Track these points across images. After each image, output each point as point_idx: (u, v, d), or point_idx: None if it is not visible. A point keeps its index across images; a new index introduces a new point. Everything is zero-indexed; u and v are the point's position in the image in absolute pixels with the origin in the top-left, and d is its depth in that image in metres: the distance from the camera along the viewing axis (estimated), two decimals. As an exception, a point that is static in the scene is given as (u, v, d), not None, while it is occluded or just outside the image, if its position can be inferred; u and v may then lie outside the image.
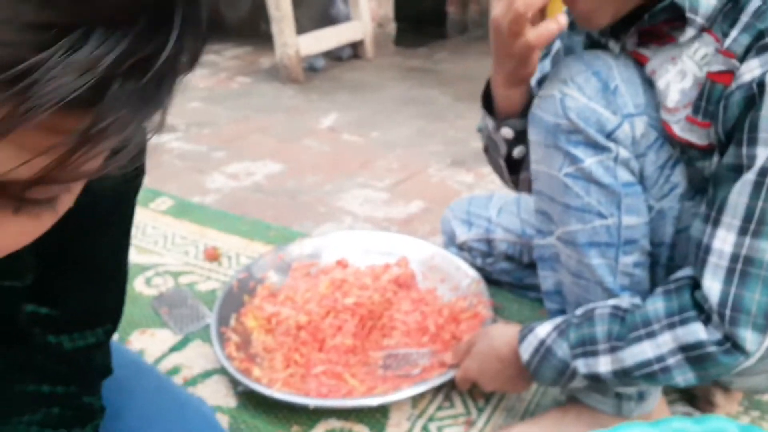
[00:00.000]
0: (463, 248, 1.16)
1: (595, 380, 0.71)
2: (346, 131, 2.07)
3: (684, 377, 0.65)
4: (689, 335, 0.63)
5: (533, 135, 0.74)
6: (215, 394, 0.92)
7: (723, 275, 0.62)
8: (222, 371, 0.96)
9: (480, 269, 1.13)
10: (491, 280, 1.14)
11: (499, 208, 1.15)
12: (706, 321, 0.63)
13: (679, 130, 0.67)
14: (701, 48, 0.65)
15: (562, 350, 0.72)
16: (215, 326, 0.97)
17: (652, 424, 0.66)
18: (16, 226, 0.28)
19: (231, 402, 0.92)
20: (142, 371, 0.76)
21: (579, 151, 0.69)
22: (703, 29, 0.64)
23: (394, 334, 1.03)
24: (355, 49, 2.87)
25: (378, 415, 0.89)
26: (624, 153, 0.69)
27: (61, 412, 0.61)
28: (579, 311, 0.74)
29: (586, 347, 0.70)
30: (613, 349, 0.68)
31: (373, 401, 0.85)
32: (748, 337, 0.60)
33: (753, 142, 0.59)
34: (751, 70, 0.58)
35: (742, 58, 0.60)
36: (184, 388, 0.89)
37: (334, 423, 0.88)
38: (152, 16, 0.24)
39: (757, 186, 0.59)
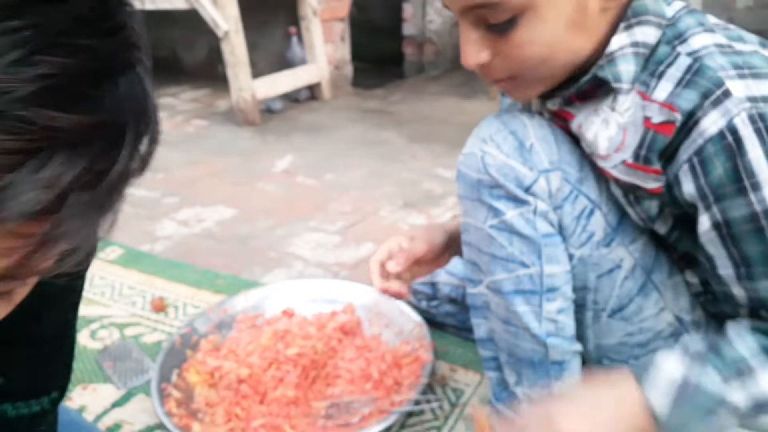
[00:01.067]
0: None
1: (760, 410, 0.59)
2: (301, 173, 2.09)
3: None
4: None
5: (460, 190, 0.77)
6: (155, 452, 0.92)
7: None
8: (163, 427, 0.96)
9: (425, 312, 1.16)
10: (436, 323, 1.17)
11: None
12: None
13: (620, 173, 0.70)
14: (620, 98, 0.69)
15: (711, 380, 0.59)
16: (156, 383, 0.96)
17: None
18: None
19: (171, 459, 0.91)
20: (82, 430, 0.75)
21: (501, 204, 0.73)
22: (629, 91, 0.69)
23: (339, 383, 1.04)
24: (312, 91, 2.92)
25: (319, 467, 0.90)
26: (542, 205, 0.72)
27: None
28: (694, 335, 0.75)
29: (739, 366, 0.60)
30: (760, 365, 0.60)
31: (311, 456, 0.86)
32: None
33: (756, 187, 0.61)
34: (714, 121, 0.61)
35: (691, 113, 0.63)
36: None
37: (274, 477, 0.88)
38: (107, 136, 0.29)
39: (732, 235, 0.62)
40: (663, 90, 0.65)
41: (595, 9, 0.66)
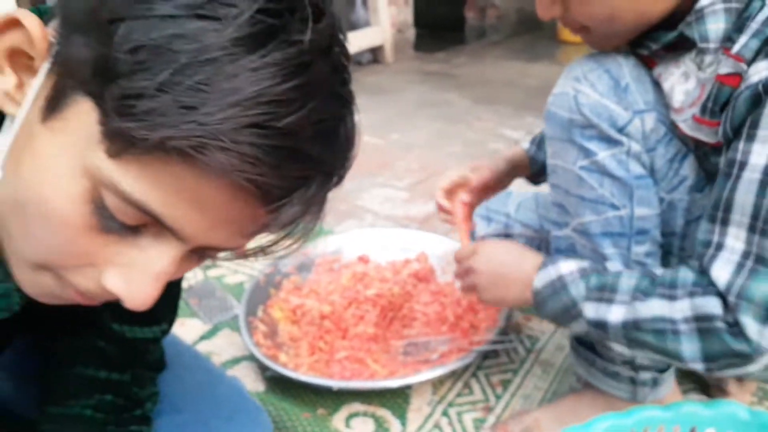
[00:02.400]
0: (481, 243, 1.20)
1: (597, 327, 0.70)
2: (366, 133, 2.11)
3: (691, 347, 0.65)
4: (706, 307, 0.64)
5: (549, 130, 0.77)
6: (244, 379, 0.97)
7: (732, 268, 0.63)
8: (250, 358, 1.01)
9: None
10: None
11: (518, 204, 1.18)
12: (725, 303, 0.64)
13: (688, 128, 0.70)
14: (706, 57, 0.67)
15: (577, 290, 0.71)
16: (243, 316, 1.01)
17: (665, 407, 0.68)
18: (192, 264, 0.42)
19: (259, 387, 0.96)
20: (181, 348, 0.81)
21: (593, 145, 0.72)
22: (717, 50, 0.66)
23: (415, 324, 1.06)
24: (375, 54, 2.92)
25: (399, 400, 0.93)
26: (635, 147, 0.71)
27: (112, 399, 0.67)
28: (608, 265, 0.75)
29: (604, 293, 0.70)
30: (633, 299, 0.68)
31: (394, 383, 0.89)
32: (749, 324, 0.61)
33: (751, 138, 0.61)
34: (759, 71, 0.60)
35: (751, 62, 0.62)
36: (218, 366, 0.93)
37: (358, 407, 0.92)
38: (342, 166, 0.40)
39: (762, 184, 0.60)
40: (739, 43, 0.63)
41: None
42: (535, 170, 1.01)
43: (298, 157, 0.35)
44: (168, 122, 0.32)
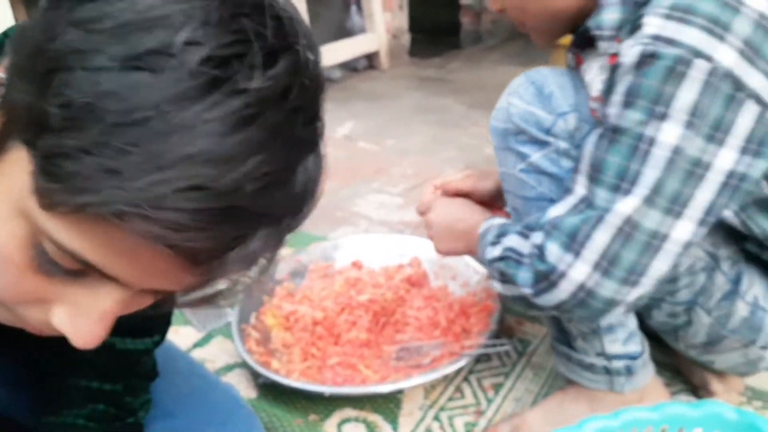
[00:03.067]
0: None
1: (490, 264, 0.77)
2: (361, 139, 2.12)
3: (522, 275, 0.71)
4: (536, 239, 0.70)
5: (494, 142, 0.83)
6: (237, 386, 0.97)
7: (567, 207, 0.68)
8: (243, 365, 1.01)
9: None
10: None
11: (507, 208, 1.19)
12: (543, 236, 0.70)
13: (596, 107, 0.75)
14: (602, 44, 0.72)
15: (491, 235, 0.78)
16: (236, 323, 1.02)
17: (652, 408, 0.70)
18: (147, 300, 0.41)
19: (251, 393, 0.97)
20: (175, 354, 0.82)
21: (526, 149, 0.78)
22: (612, 38, 0.71)
23: (407, 329, 1.07)
24: (371, 60, 2.93)
25: (391, 405, 0.94)
26: (563, 144, 0.76)
27: (105, 409, 0.67)
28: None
29: (498, 238, 0.77)
30: (500, 237, 0.76)
31: (386, 388, 0.89)
32: (552, 248, 0.67)
33: (609, 104, 0.65)
34: (630, 47, 0.63)
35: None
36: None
37: (350, 412, 0.92)
38: (295, 214, 0.37)
39: (601, 137, 0.66)
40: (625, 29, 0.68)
41: None
42: None
43: (233, 216, 0.32)
44: (90, 187, 0.30)
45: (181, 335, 1.11)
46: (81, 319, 0.38)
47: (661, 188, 0.62)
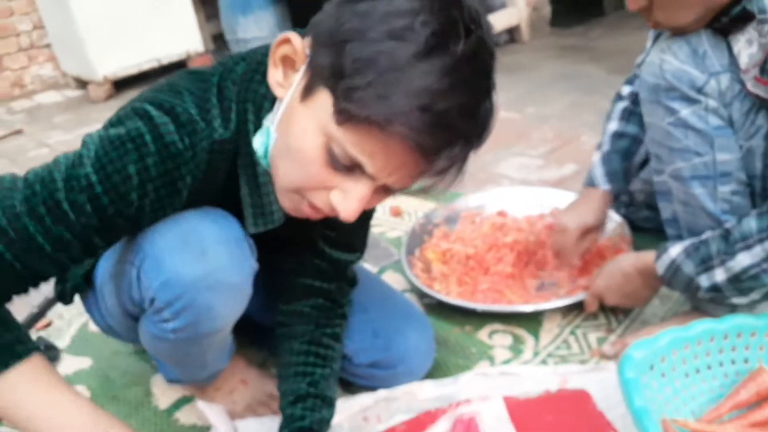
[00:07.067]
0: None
1: (715, 290, 0.87)
2: (503, 108, 2.26)
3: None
4: None
5: (642, 94, 0.92)
6: (406, 306, 1.21)
7: None
8: (411, 290, 1.25)
9: (624, 218, 1.30)
10: (635, 227, 1.31)
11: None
12: None
13: (751, 86, 0.82)
14: (766, 26, 0.79)
15: (689, 268, 0.89)
16: (405, 255, 1.26)
17: (757, 316, 0.85)
18: (381, 197, 0.66)
19: (418, 311, 1.20)
20: (367, 272, 1.08)
21: (676, 104, 0.87)
22: None
23: (547, 268, 1.24)
24: (511, 34, 3.05)
25: (534, 323, 1.13)
26: (713, 103, 0.85)
27: (323, 302, 0.94)
28: (703, 236, 0.91)
29: (706, 264, 0.87)
30: (722, 262, 0.85)
31: (529, 308, 1.09)
32: None
33: None
34: None
35: None
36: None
37: (498, 326, 1.13)
38: (479, 135, 0.62)
39: None
40: None
41: None
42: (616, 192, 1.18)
43: (447, 128, 0.57)
44: (370, 104, 0.56)
45: (358, 269, 1.38)
46: (349, 199, 0.63)
47: None
